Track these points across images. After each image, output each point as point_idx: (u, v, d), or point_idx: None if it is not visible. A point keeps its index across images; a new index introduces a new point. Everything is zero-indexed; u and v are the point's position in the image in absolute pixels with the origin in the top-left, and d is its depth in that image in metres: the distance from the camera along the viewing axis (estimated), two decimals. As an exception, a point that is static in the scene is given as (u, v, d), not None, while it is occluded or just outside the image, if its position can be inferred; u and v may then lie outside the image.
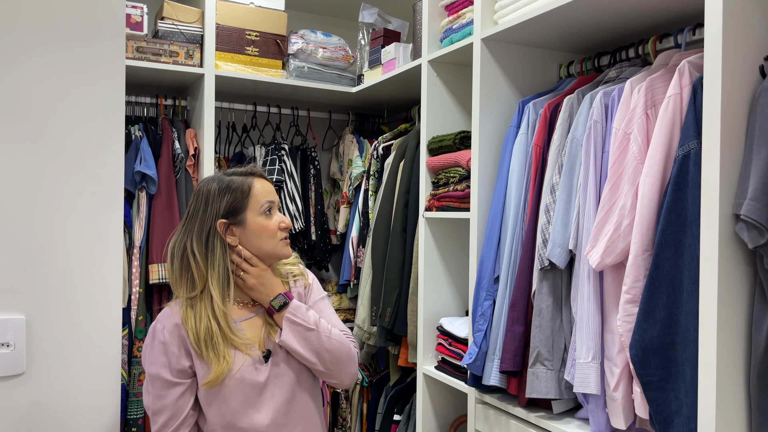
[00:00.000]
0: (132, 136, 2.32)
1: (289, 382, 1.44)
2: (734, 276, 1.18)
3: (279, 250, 1.47)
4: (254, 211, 1.44)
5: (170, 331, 1.40)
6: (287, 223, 1.47)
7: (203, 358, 1.37)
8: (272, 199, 1.47)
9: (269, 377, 1.41)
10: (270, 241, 1.45)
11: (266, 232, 1.44)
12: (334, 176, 2.91)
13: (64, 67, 1.50)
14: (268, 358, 1.42)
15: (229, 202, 1.43)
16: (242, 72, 2.47)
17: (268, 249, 1.46)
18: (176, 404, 1.38)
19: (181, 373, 1.39)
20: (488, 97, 1.84)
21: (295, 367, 1.46)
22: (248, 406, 1.39)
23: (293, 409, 1.45)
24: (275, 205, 1.48)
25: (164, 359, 1.38)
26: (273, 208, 1.47)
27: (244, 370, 1.39)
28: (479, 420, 1.81)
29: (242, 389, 1.38)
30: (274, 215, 1.47)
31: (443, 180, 2.04)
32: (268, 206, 1.45)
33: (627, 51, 1.67)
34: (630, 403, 1.43)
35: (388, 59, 2.39)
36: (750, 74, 1.19)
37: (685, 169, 1.27)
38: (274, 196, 1.48)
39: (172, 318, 1.42)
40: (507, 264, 1.71)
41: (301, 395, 1.47)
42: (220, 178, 1.47)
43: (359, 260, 2.59)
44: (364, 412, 2.74)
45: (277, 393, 1.42)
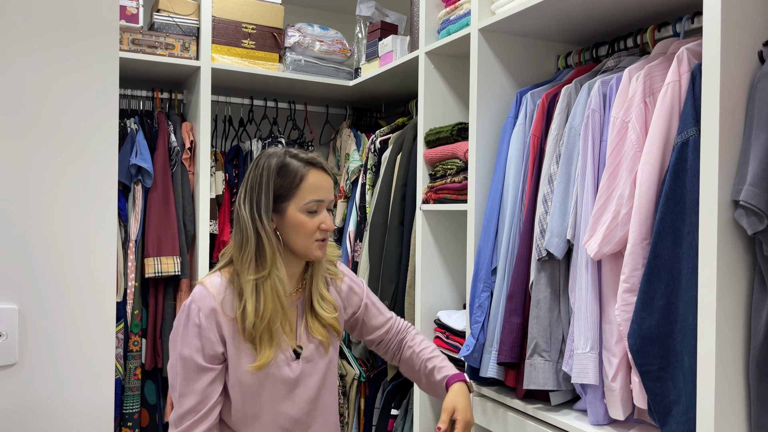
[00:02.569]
0: (128, 129, 2.31)
1: (316, 381, 1.41)
2: (733, 263, 1.17)
3: (311, 252, 1.36)
4: (298, 204, 1.33)
5: (206, 315, 1.32)
6: (328, 226, 1.36)
7: (251, 343, 1.32)
8: (321, 198, 1.35)
9: (299, 374, 1.38)
10: (304, 240, 1.35)
11: (303, 230, 1.34)
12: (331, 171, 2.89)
13: (56, 57, 1.49)
14: (300, 355, 1.39)
15: (278, 186, 1.34)
16: (239, 65, 2.45)
17: (300, 248, 1.36)
18: (206, 390, 1.32)
19: (214, 359, 1.33)
20: (486, 88, 1.83)
21: (323, 367, 1.43)
22: (275, 401, 1.36)
23: (316, 407, 1.42)
24: (324, 204, 1.36)
25: (198, 343, 1.32)
26: (321, 207, 1.36)
27: (278, 363, 1.35)
28: (476, 413, 1.80)
29: (272, 383, 1.35)
30: (319, 214, 1.36)
31: (440, 172, 2.02)
32: (315, 206, 1.34)
33: (625, 41, 1.66)
34: (628, 394, 1.42)
35: (386, 52, 2.37)
36: (749, 60, 1.18)
37: (683, 156, 1.26)
38: (327, 193, 1.36)
39: (208, 300, 1.33)
40: (504, 255, 1.70)
41: (325, 395, 1.44)
42: (281, 155, 1.37)
43: (356, 255, 2.58)
44: (361, 407, 2.73)
45: (304, 391, 1.39)
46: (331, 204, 1.39)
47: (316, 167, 1.36)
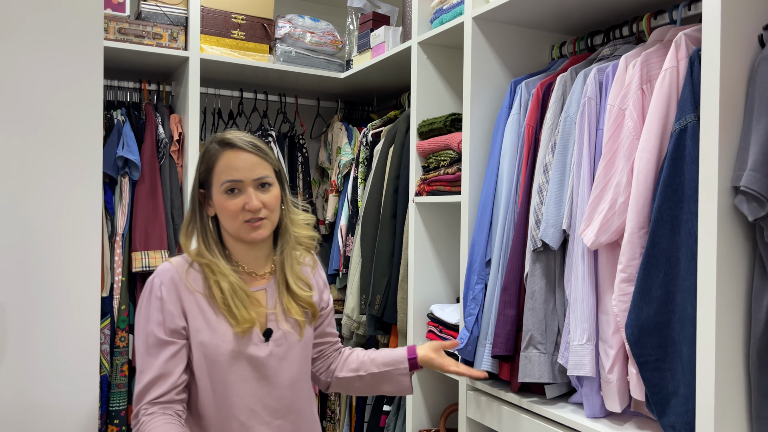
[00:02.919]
0: (114, 121, 2.26)
1: (291, 368, 1.38)
2: (733, 251, 1.15)
3: (242, 234, 1.33)
4: (217, 188, 1.33)
5: (168, 288, 1.31)
6: (251, 205, 1.31)
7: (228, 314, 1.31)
8: (236, 178, 1.31)
9: (267, 356, 1.34)
10: (231, 222, 1.33)
11: (226, 212, 1.32)
12: (322, 165, 2.86)
13: (38, 45, 1.45)
14: (269, 337, 1.35)
15: (201, 173, 1.36)
16: (228, 56, 2.41)
17: (231, 230, 1.35)
18: (166, 365, 1.28)
19: (175, 333, 1.30)
20: (479, 78, 1.80)
21: (297, 353, 1.39)
22: (243, 381, 1.32)
23: (289, 395, 1.38)
24: (245, 184, 1.32)
25: (160, 316, 1.29)
26: (241, 187, 1.32)
27: (245, 342, 1.32)
28: (470, 407, 1.77)
29: (239, 363, 1.31)
30: (240, 195, 1.32)
31: (434, 164, 2.00)
32: (230, 186, 1.31)
33: (621, 29, 1.64)
34: (625, 386, 1.40)
35: (378, 43, 2.34)
36: (749, 44, 1.16)
37: (682, 143, 1.24)
38: (246, 172, 1.32)
39: (170, 273, 1.33)
40: (499, 247, 1.68)
41: (299, 384, 1.41)
42: (208, 141, 1.38)
43: (348, 249, 2.55)
44: (353, 404, 2.69)
45: (275, 375, 1.35)
46: (257, 182, 1.33)
47: (232, 148, 1.33)
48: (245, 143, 1.34)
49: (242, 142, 1.34)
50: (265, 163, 1.35)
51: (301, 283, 1.42)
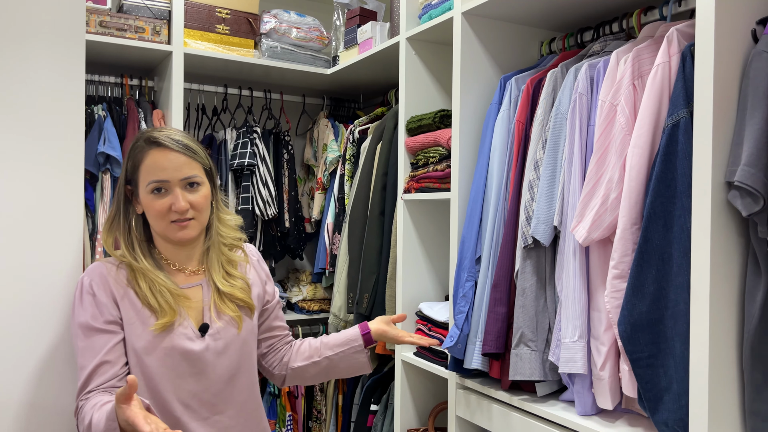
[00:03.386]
0: (95, 116, 2.21)
1: (229, 361, 1.35)
2: (726, 246, 1.15)
3: (169, 234, 1.31)
4: (143, 187, 1.30)
5: (98, 283, 1.30)
6: (177, 207, 1.28)
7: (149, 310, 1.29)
8: (162, 178, 1.28)
9: (203, 351, 1.31)
10: (158, 222, 1.31)
11: (152, 211, 1.30)
12: (308, 162, 2.83)
13: (19, 39, 1.40)
14: (205, 332, 1.32)
15: (129, 170, 1.34)
16: (212, 51, 2.37)
17: (158, 230, 1.33)
18: (107, 354, 1.25)
19: (112, 323, 1.28)
20: (469, 74, 1.78)
21: (237, 348, 1.36)
22: (177, 377, 1.29)
23: (230, 390, 1.35)
24: (171, 184, 1.29)
25: (94, 310, 1.28)
26: (168, 187, 1.29)
27: (179, 336, 1.29)
28: (460, 406, 1.76)
29: (172, 358, 1.28)
30: (167, 195, 1.29)
31: (422, 160, 1.98)
32: (156, 186, 1.28)
33: (610, 25, 1.63)
34: (617, 383, 1.39)
35: (365, 38, 2.32)
36: (742, 39, 1.16)
37: (674, 138, 1.24)
38: (173, 173, 1.29)
39: (99, 269, 1.32)
40: (489, 244, 1.66)
41: (241, 379, 1.37)
42: (137, 137, 1.36)
43: (335, 247, 2.52)
44: (339, 404, 2.67)
45: (213, 369, 1.32)
46: (186, 182, 1.31)
47: (159, 146, 1.30)
48: (173, 142, 1.31)
49: (170, 141, 1.31)
50: (194, 163, 1.32)
51: (233, 279, 1.40)
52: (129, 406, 1.04)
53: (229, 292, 1.37)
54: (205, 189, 1.34)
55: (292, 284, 2.86)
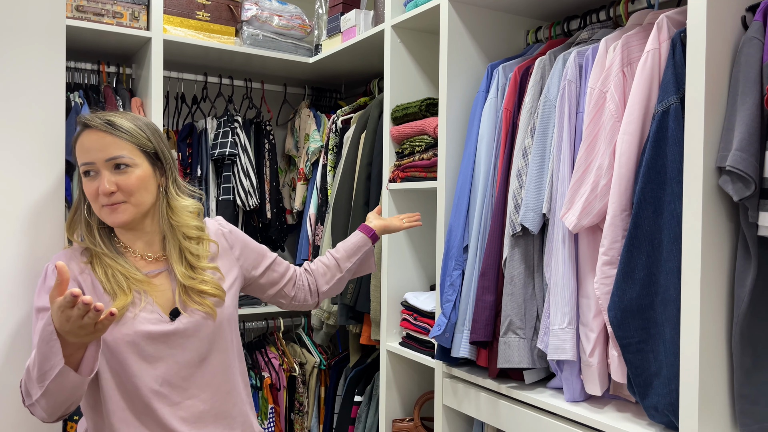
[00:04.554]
0: (72, 103, 2.15)
1: (199, 344, 1.29)
2: (717, 231, 1.16)
3: (104, 219, 1.28)
4: (80, 172, 1.28)
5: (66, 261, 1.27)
6: (103, 188, 1.23)
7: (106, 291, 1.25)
8: (89, 160, 1.24)
9: (170, 334, 1.26)
10: (93, 205, 1.27)
11: (86, 194, 1.28)
12: (289, 153, 2.79)
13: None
14: (176, 316, 1.27)
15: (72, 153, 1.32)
16: (192, 38, 2.32)
17: (97, 214, 1.29)
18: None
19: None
20: (455, 62, 1.77)
21: (209, 331, 1.30)
22: (142, 360, 1.24)
23: (200, 373, 1.29)
24: (97, 166, 1.24)
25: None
26: (97, 170, 1.24)
27: (139, 321, 1.24)
28: (447, 394, 1.75)
29: (135, 341, 1.23)
30: (97, 178, 1.24)
31: (408, 149, 1.96)
32: (84, 170, 1.25)
33: (597, 14, 1.63)
34: (605, 369, 1.40)
35: (348, 27, 2.29)
36: (733, 26, 1.17)
37: (664, 125, 1.24)
38: (98, 154, 1.24)
39: (61, 256, 1.29)
40: (477, 232, 1.66)
41: (213, 361, 1.31)
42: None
43: (318, 238, 2.50)
44: (321, 396, 2.65)
45: (179, 352, 1.27)
46: (112, 163, 1.25)
47: (86, 128, 1.27)
48: (99, 122, 1.26)
49: (95, 121, 1.26)
50: (122, 142, 1.26)
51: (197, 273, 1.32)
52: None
53: (191, 286, 1.30)
54: (139, 171, 1.27)
55: (274, 276, 2.82)
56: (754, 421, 1.15)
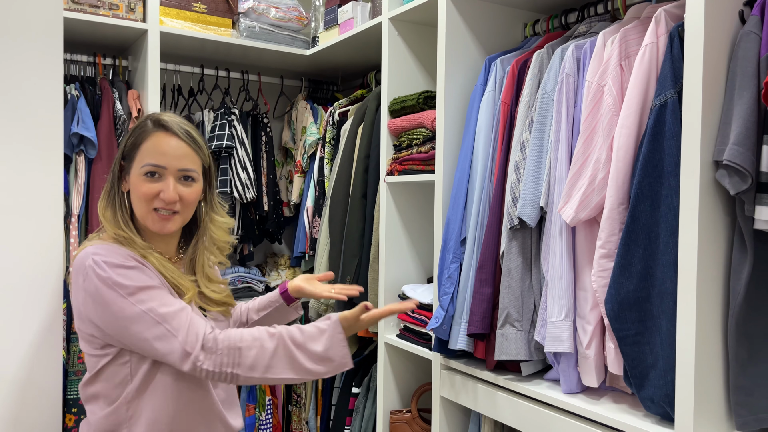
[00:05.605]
0: (68, 96, 2.14)
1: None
2: (713, 225, 1.16)
3: (148, 222, 1.27)
4: (137, 166, 1.27)
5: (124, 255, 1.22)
6: (167, 196, 1.24)
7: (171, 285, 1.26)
8: (160, 164, 1.25)
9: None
10: (141, 205, 1.26)
11: (137, 192, 1.26)
12: (286, 145, 2.79)
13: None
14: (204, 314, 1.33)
15: (128, 146, 1.30)
16: (189, 29, 2.31)
17: (139, 214, 1.28)
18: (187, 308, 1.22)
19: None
20: (453, 55, 1.77)
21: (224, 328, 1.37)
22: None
23: None
24: (168, 172, 1.26)
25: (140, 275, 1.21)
26: (163, 174, 1.26)
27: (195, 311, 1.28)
28: (444, 386, 1.76)
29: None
30: (159, 181, 1.26)
31: (406, 142, 1.96)
32: (150, 170, 1.25)
33: (595, 7, 1.63)
34: (602, 361, 1.41)
35: (345, 19, 2.29)
36: (730, 20, 1.17)
37: (662, 118, 1.25)
38: (173, 161, 1.26)
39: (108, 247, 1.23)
40: (474, 225, 1.66)
41: None
42: (147, 116, 1.32)
43: (315, 231, 2.50)
44: (319, 387, 2.66)
45: None
46: (182, 174, 1.27)
47: (166, 130, 1.28)
48: (181, 130, 1.29)
49: (178, 128, 1.29)
50: (196, 157, 1.30)
51: (214, 285, 1.37)
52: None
53: (212, 298, 1.35)
54: (199, 186, 1.31)
55: (271, 268, 2.83)
56: (749, 413, 1.17)
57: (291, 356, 1.21)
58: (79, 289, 1.21)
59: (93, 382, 1.26)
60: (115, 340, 1.21)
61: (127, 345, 1.21)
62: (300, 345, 1.23)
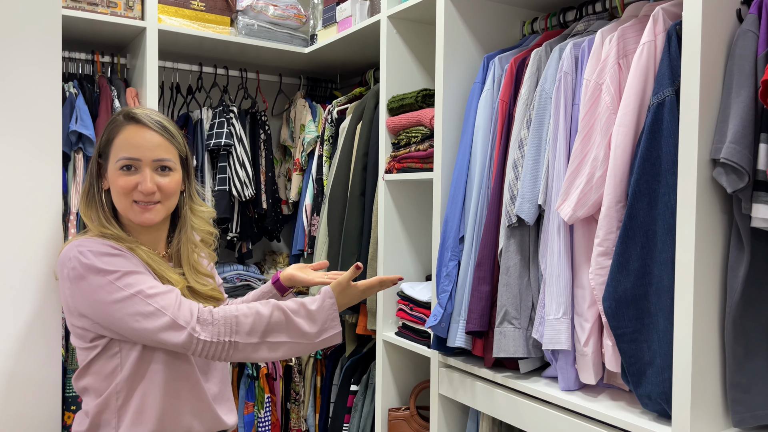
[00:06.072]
0: (66, 94, 2.14)
1: None
2: (710, 223, 1.17)
3: (130, 215, 1.27)
4: (113, 162, 1.26)
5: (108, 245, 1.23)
6: (146, 188, 1.25)
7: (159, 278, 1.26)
8: (134, 156, 1.25)
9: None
10: (121, 199, 1.27)
11: (115, 187, 1.27)
12: (284, 143, 2.79)
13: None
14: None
15: (102, 143, 1.30)
16: (187, 27, 2.31)
17: (120, 208, 1.29)
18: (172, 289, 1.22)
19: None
20: (452, 53, 1.77)
21: None
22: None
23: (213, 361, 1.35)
24: (143, 163, 1.26)
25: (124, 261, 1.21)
26: (139, 166, 1.26)
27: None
28: (443, 384, 1.77)
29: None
30: (136, 174, 1.26)
31: (404, 140, 1.97)
32: (125, 163, 1.25)
33: (593, 5, 1.64)
34: (599, 358, 1.42)
35: (344, 17, 2.29)
36: (728, 19, 1.18)
37: (659, 117, 1.25)
38: (146, 152, 1.26)
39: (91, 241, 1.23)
40: (472, 223, 1.67)
41: None
42: (117, 112, 1.33)
43: (314, 229, 2.50)
44: (317, 385, 2.67)
45: None
46: (157, 164, 1.28)
47: (136, 123, 1.28)
48: (152, 121, 1.29)
49: (148, 120, 1.29)
50: (170, 146, 1.30)
51: (201, 277, 1.38)
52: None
53: (194, 287, 1.35)
54: (177, 175, 1.32)
55: (269, 266, 2.83)
56: (746, 410, 1.17)
57: (287, 318, 1.22)
58: (65, 280, 1.22)
59: (84, 374, 1.27)
60: (105, 329, 1.21)
61: (118, 331, 1.20)
62: (294, 310, 1.24)
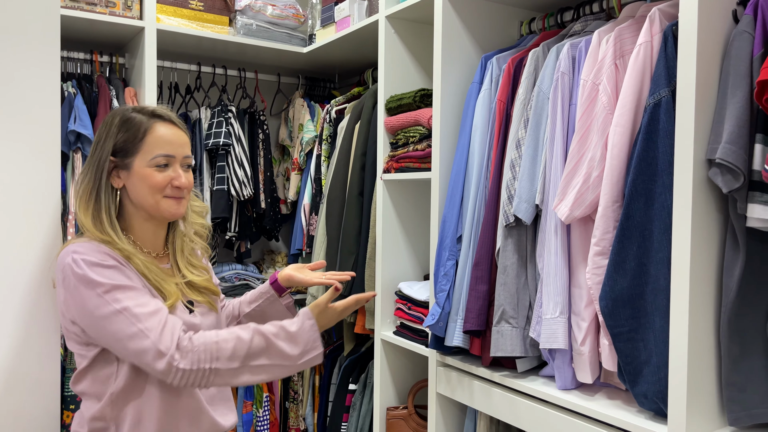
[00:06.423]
0: (64, 93, 2.14)
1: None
2: (706, 223, 1.18)
3: (162, 208, 1.29)
4: (144, 159, 1.27)
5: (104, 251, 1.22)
6: (181, 183, 1.29)
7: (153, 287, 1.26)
8: (170, 153, 1.29)
9: (200, 324, 1.32)
10: (152, 195, 1.28)
11: (147, 183, 1.27)
12: (283, 142, 2.79)
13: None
14: (192, 310, 1.33)
15: (122, 140, 1.29)
16: (186, 27, 2.31)
17: (148, 204, 1.29)
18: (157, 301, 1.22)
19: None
20: (450, 53, 1.78)
21: (214, 321, 1.39)
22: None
23: None
24: (176, 160, 1.30)
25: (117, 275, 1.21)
26: (172, 163, 1.30)
27: (180, 310, 1.29)
28: (441, 383, 1.78)
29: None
30: (168, 170, 1.29)
31: (402, 140, 1.97)
32: (163, 161, 1.28)
33: (590, 5, 1.64)
34: (596, 358, 1.42)
35: (342, 17, 2.29)
36: (724, 19, 1.18)
37: (656, 117, 1.26)
38: (179, 149, 1.31)
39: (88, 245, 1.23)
40: (470, 223, 1.67)
41: None
42: (125, 110, 1.32)
43: (312, 228, 2.51)
44: (316, 384, 2.67)
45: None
46: (186, 161, 1.33)
47: (164, 120, 1.31)
48: (178, 120, 1.34)
49: (175, 118, 1.34)
50: (190, 144, 1.36)
51: (195, 269, 1.40)
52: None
53: (192, 282, 1.37)
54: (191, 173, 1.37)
55: (268, 266, 2.84)
56: (742, 408, 1.18)
57: (267, 341, 1.22)
58: (60, 286, 1.22)
59: (80, 379, 1.27)
60: (94, 339, 1.22)
61: (104, 344, 1.21)
62: (275, 333, 1.24)
